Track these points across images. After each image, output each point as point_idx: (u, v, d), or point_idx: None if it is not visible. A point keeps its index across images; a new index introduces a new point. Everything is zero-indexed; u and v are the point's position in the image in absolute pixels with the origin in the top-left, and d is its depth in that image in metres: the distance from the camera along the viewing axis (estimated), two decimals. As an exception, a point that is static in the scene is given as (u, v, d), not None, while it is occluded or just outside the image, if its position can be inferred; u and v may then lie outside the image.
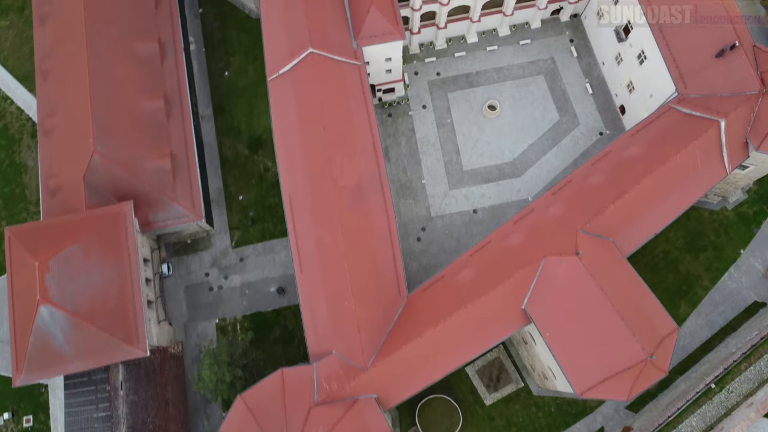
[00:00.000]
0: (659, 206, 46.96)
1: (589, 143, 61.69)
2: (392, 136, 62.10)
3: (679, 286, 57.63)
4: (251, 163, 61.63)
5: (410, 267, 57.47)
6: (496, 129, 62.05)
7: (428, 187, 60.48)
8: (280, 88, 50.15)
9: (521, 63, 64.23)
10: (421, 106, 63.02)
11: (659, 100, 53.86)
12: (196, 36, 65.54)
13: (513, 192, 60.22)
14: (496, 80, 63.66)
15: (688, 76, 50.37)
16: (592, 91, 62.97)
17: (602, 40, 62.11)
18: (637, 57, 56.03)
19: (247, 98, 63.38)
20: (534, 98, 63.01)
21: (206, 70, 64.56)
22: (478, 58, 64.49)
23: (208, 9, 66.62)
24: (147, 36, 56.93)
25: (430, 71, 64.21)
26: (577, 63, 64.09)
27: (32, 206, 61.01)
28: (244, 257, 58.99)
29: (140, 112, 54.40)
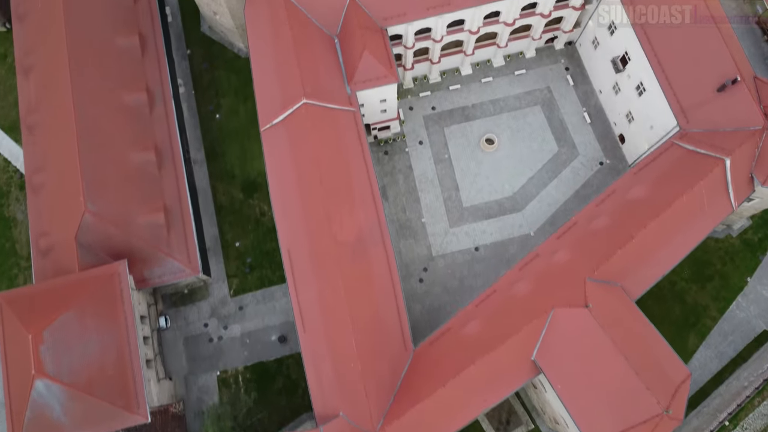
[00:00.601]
0: (667, 247, 46.06)
1: (589, 173, 60.74)
2: (389, 175, 60.93)
3: (686, 318, 56.78)
4: (247, 207, 60.31)
5: (414, 309, 56.36)
6: (495, 163, 61.00)
7: (428, 226, 59.36)
8: (273, 138, 48.89)
9: (517, 94, 63.20)
10: (417, 142, 61.88)
11: (660, 133, 52.96)
12: (185, 78, 64.13)
13: (515, 227, 59.19)
14: (492, 112, 62.61)
15: (689, 110, 49.47)
16: (590, 120, 62.03)
17: (599, 69, 61.16)
18: (636, 88, 55.12)
19: (240, 141, 62.06)
20: (532, 129, 62.00)
21: (197, 113, 63.16)
22: (473, 90, 63.41)
23: (196, 49, 65.22)
24: (135, 85, 55.48)
25: (425, 106, 63.09)
26: (573, 91, 63.13)
27: (23, 261, 59.47)
28: (244, 306, 57.68)
29: (131, 165, 53.00)
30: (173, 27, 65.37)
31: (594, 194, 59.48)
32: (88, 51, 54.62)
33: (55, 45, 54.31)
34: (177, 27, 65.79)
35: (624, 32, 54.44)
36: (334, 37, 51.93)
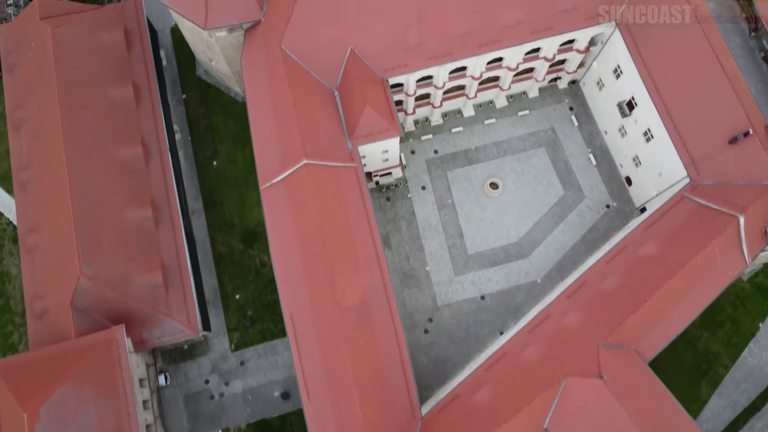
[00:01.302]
0: (680, 307, 44.76)
1: (596, 217, 59.50)
2: (392, 222, 59.60)
3: (698, 366, 55.58)
4: (246, 258, 58.91)
5: (419, 361, 55.00)
6: (500, 207, 59.71)
7: (433, 275, 58.03)
8: (274, 198, 47.48)
9: (521, 135, 61.91)
10: (420, 188, 60.55)
11: (669, 181, 51.74)
12: (181, 124, 62.70)
13: (521, 275, 57.90)
14: (496, 155, 61.32)
15: (700, 161, 48.26)
16: (596, 161, 60.78)
17: (603, 110, 59.92)
18: (643, 134, 53.91)
19: (238, 189, 60.64)
20: (536, 172, 60.73)
21: (193, 161, 61.74)
22: (476, 132, 62.10)
23: (192, 94, 63.80)
24: (130, 138, 54.01)
25: (427, 149, 61.77)
26: (578, 132, 61.88)
27: (18, 318, 57.94)
28: (245, 360, 56.26)
29: (127, 222, 51.56)
30: (168, 71, 63.91)
31: (602, 239, 58.44)
32: (81, 105, 53.22)
33: (46, 99, 52.95)
34: (172, 71, 64.33)
35: (630, 77, 53.19)
36: (334, 90, 50.57)
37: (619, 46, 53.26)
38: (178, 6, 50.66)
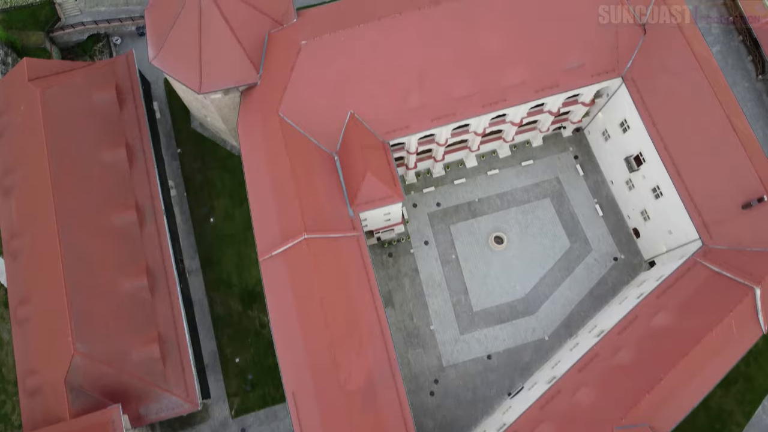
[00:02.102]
0: (695, 382, 43.38)
1: (603, 270, 58.08)
2: (395, 279, 58.04)
3: (712, 425, 54.19)
4: (246, 319, 57.24)
5: (425, 426, 53.53)
6: (505, 262, 58.22)
7: (438, 334, 56.50)
8: (273, 271, 45.76)
9: (525, 186, 60.41)
10: (422, 242, 59.01)
11: (680, 240, 50.39)
12: (176, 179, 60.98)
13: (528, 332, 56.43)
14: (500, 207, 59.81)
15: (712, 225, 46.86)
16: (603, 212, 59.35)
17: (610, 160, 58.51)
18: (652, 190, 52.50)
19: (236, 246, 58.98)
20: (542, 224, 59.25)
21: (189, 218, 60.03)
22: (479, 183, 60.57)
23: (187, 148, 62.07)
24: (123, 203, 52.25)
25: (429, 202, 60.21)
26: (583, 182, 60.43)
27: (11, 386, 56.07)
28: (246, 427, 54.56)
29: (122, 293, 49.79)
30: (162, 124, 62.18)
31: (610, 293, 57.12)
32: (73, 170, 51.42)
33: (36, 164, 51.15)
34: (166, 124, 62.60)
35: (638, 132, 51.77)
36: (334, 154, 48.97)
37: (625, 100, 51.86)
38: (170, 70, 48.99)
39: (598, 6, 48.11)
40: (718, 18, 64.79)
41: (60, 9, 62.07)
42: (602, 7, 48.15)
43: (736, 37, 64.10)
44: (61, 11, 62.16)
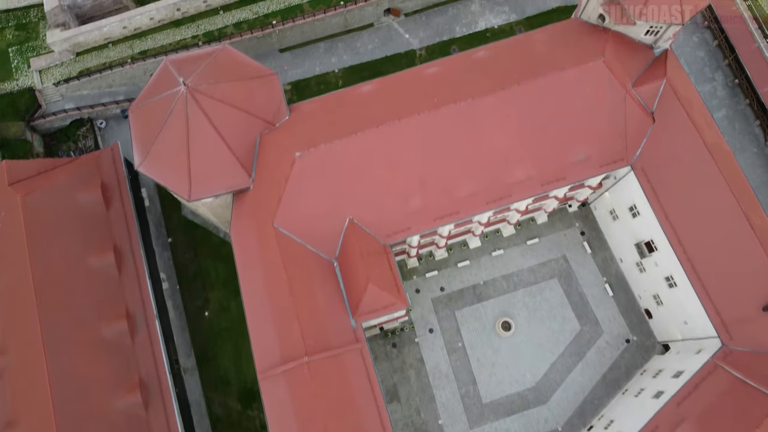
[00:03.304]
0: (722, 501, 41.28)
1: (616, 353, 55.94)
2: (399, 371, 55.69)
3: None
4: (246, 420, 54.77)
5: None
6: (513, 348, 55.99)
7: (446, 428, 54.21)
8: (273, 390, 43.17)
9: (531, 266, 58.20)
10: (427, 330, 56.70)
11: (697, 333, 48.32)
12: (168, 271, 58.47)
13: (540, 423, 54.21)
14: (506, 290, 57.60)
15: (732, 326, 44.74)
16: (612, 292, 57.22)
17: (618, 239, 56.41)
18: (665, 279, 50.41)
19: (233, 340, 56.52)
20: (550, 306, 57.06)
21: (183, 312, 57.53)
22: (483, 265, 58.32)
23: (178, 237, 59.57)
24: (113, 313, 49.62)
25: (432, 287, 57.90)
26: (591, 259, 58.28)
27: (1, 501, 53.45)
28: None
29: (115, 412, 47.14)
30: (151, 212, 59.63)
31: (623, 378, 55.04)
32: (58, 281, 48.76)
33: (18, 276, 48.45)
34: (156, 212, 60.09)
35: (648, 220, 49.63)
36: (333, 261, 46.57)
37: (634, 186, 49.65)
38: (157, 177, 46.41)
39: (604, 98, 45.93)
40: (723, 80, 62.85)
41: (41, 96, 59.51)
42: (609, 99, 45.97)
43: (742, 100, 62.13)
44: (41, 98, 59.60)
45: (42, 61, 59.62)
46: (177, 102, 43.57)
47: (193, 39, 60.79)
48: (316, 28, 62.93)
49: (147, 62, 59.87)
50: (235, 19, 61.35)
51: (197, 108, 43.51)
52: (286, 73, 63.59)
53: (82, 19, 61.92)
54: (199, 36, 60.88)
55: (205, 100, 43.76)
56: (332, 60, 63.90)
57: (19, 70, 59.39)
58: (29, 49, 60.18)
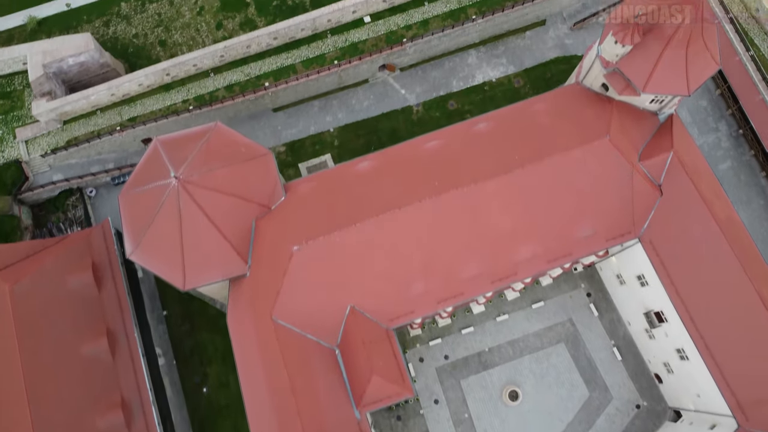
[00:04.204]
0: None
1: (626, 420, 54.58)
2: (405, 445, 54.25)
3: None
4: (248, 502, 53.09)
5: None
6: (521, 417, 54.54)
7: (455, 505, 52.83)
8: (277, 489, 41.84)
9: (537, 331, 56.76)
10: (432, 401, 55.18)
11: (710, 408, 47.07)
12: (164, 346, 56.70)
13: (551, 495, 52.89)
14: (512, 356, 56.13)
15: (748, 407, 43.40)
16: (621, 355, 55.85)
17: (625, 301, 55.10)
18: (676, 350, 49.07)
19: (232, 418, 54.82)
20: (557, 372, 55.64)
21: (180, 389, 55.80)
22: (488, 331, 56.84)
23: (174, 309, 57.84)
24: (108, 402, 47.82)
25: (436, 355, 56.37)
26: (598, 322, 56.89)
27: None
28: None
29: None
30: (145, 283, 57.87)
31: (634, 446, 53.64)
32: (49, 372, 46.83)
33: (8, 370, 46.58)
34: (149, 283, 58.33)
35: (657, 292, 48.26)
36: (335, 348, 45.00)
37: (641, 257, 48.32)
38: (150, 266, 44.79)
39: (610, 175, 44.53)
40: (727, 130, 61.54)
41: (28, 167, 57.66)
42: (616, 175, 44.57)
43: (747, 151, 60.88)
44: (29, 169, 57.74)
45: (28, 132, 57.77)
46: (168, 195, 41.93)
47: (184, 104, 59.08)
48: (310, 87, 61.33)
49: (137, 129, 58.14)
50: (227, 82, 59.66)
51: (189, 200, 41.88)
52: (280, 133, 61.98)
53: (69, 84, 60.14)
54: (189, 100, 59.18)
55: (198, 191, 42.15)
56: (327, 119, 62.30)
57: (4, 142, 57.55)
58: (14, 119, 58.31)
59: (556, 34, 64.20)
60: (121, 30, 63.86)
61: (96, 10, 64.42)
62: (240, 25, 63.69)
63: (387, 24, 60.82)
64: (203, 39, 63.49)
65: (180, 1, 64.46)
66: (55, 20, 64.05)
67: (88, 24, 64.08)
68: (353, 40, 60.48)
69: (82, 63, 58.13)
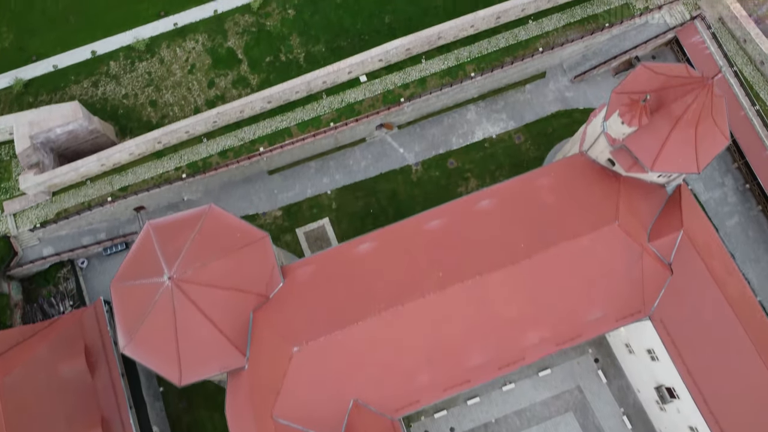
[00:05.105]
0: None
1: (638, 491, 53.24)
2: None
3: None
4: None
5: None
6: (531, 493, 53.16)
7: None
8: None
9: (545, 399, 55.33)
10: (440, 477, 53.79)
11: (728, 489, 45.54)
12: (161, 425, 54.98)
13: None
14: (519, 427, 54.70)
15: (767, 497, 42.10)
16: (631, 424, 54.46)
17: (635, 370, 53.68)
18: (689, 428, 47.66)
19: (233, 499, 53.15)
20: (567, 443, 54.31)
21: (179, 469, 54.32)
22: (494, 401, 55.35)
23: (171, 385, 54.74)
24: (103, 496, 46.44)
25: (442, 428, 54.84)
26: (607, 389, 55.51)
27: None
28: None
29: None
30: (140, 359, 56.13)
31: None
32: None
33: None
34: (145, 358, 56.58)
35: (668, 368, 46.83)
36: (338, 445, 43.47)
37: (651, 333, 46.91)
38: (145, 361, 43.09)
39: (619, 259, 43.12)
40: (734, 185, 60.23)
41: (16, 242, 55.94)
42: (625, 259, 43.15)
43: (755, 205, 59.57)
44: (17, 243, 56.03)
45: (16, 205, 56.04)
46: (162, 293, 40.31)
47: (176, 171, 57.44)
48: (306, 149, 59.79)
49: (128, 199, 56.46)
50: (220, 147, 58.07)
51: (184, 298, 40.30)
52: (276, 196, 60.37)
53: (57, 152, 58.46)
54: (182, 168, 57.54)
55: (192, 288, 40.57)
56: (324, 180, 60.75)
57: (-9, 215, 55.90)
58: (1, 191, 56.58)
59: (557, 86, 62.80)
60: (110, 90, 62.08)
61: (84, 70, 62.61)
62: (233, 82, 62.03)
63: (384, 83, 59.37)
64: (195, 98, 61.81)
65: (170, 59, 62.78)
66: (42, 81, 62.29)
67: (76, 84, 62.26)
68: (349, 101, 59.00)
69: (71, 131, 56.37)
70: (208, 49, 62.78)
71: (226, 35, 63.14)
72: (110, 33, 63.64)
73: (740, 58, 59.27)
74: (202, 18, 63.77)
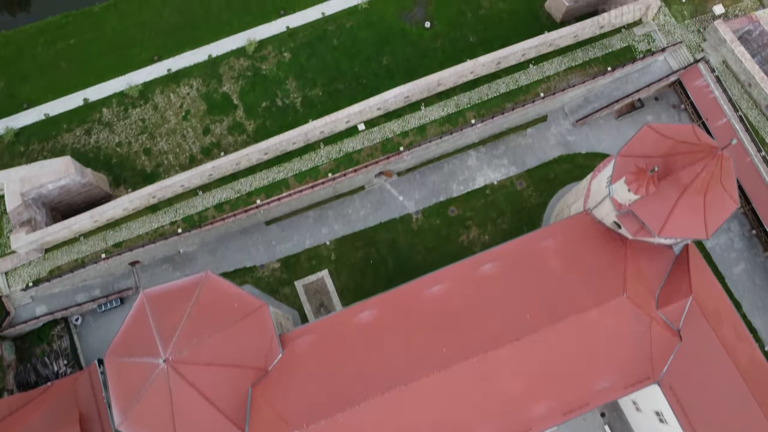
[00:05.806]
0: None
1: None
2: None
3: None
4: None
5: None
6: None
7: None
8: None
9: (550, 452, 54.28)
10: None
11: None
12: (159, 487, 53.83)
13: None
14: (525, 484, 53.55)
15: None
16: (639, 481, 53.47)
17: (643, 427, 52.59)
18: (701, 493, 46.61)
19: None
20: (573, 500, 53.21)
21: None
22: None
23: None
24: None
25: (446, 487, 53.77)
26: (614, 444, 54.51)
27: None
28: None
29: None
30: (137, 418, 54.94)
31: None
32: None
33: None
34: (141, 418, 55.36)
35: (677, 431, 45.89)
36: None
37: (659, 396, 45.86)
38: (141, 438, 41.98)
39: (628, 330, 42.03)
40: (740, 230, 59.22)
41: (8, 301, 54.68)
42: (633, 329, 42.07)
43: (761, 251, 58.55)
44: (9, 303, 54.77)
45: (8, 263, 54.77)
46: (157, 375, 39.14)
47: (172, 225, 56.19)
48: (304, 199, 58.59)
49: (123, 255, 55.20)
50: (216, 200, 56.84)
51: (181, 380, 39.13)
52: (274, 248, 59.16)
53: (50, 206, 57.17)
54: (177, 222, 56.30)
55: (189, 368, 39.43)
56: (323, 230, 59.55)
57: (-18, 274, 54.60)
58: (-8, 249, 55.40)
59: (558, 130, 61.71)
60: (103, 138, 60.75)
61: (76, 118, 61.29)
62: (228, 129, 60.78)
63: (382, 131, 58.21)
64: (190, 146, 60.54)
65: (165, 106, 61.50)
66: (34, 130, 60.97)
67: (68, 133, 60.89)
68: (348, 150, 57.84)
69: (63, 186, 55.03)
70: (202, 94, 61.50)
71: (221, 80, 61.87)
72: (103, 79, 62.28)
73: (745, 102, 58.17)
74: (197, 62, 62.47)
